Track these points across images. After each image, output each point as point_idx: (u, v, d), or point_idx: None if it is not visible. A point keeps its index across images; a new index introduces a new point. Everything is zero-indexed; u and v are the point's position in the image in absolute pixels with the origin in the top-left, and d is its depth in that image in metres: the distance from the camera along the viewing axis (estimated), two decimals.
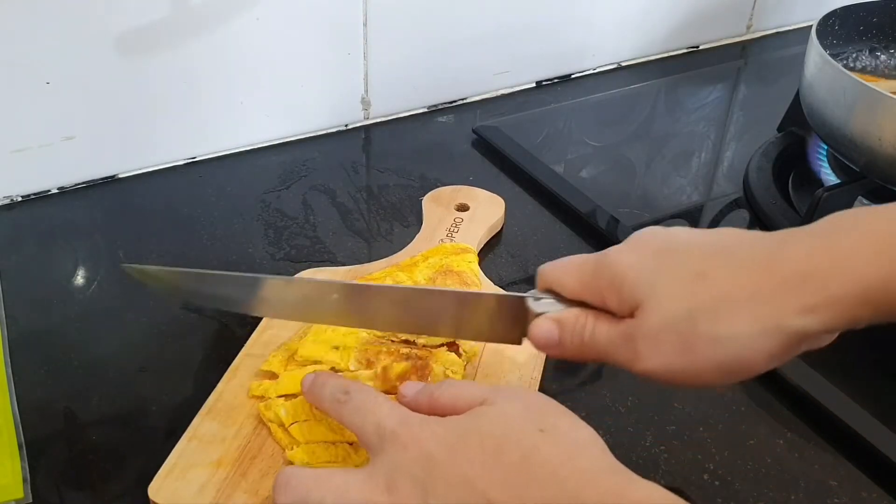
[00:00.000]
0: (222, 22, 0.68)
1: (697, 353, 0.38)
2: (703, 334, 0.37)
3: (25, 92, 0.63)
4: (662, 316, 0.38)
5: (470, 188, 0.67)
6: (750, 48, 1.00)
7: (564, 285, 0.43)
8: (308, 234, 0.65)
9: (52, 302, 0.58)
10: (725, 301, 0.37)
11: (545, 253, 0.64)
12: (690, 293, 0.38)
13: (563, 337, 0.42)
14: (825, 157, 0.71)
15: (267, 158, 0.75)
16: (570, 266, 0.43)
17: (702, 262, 0.39)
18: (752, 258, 0.38)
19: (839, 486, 0.47)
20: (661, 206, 0.71)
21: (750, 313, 0.37)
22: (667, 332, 0.38)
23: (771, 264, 0.37)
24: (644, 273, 0.39)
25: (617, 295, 0.40)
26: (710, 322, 0.37)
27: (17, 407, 0.49)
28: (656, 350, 0.38)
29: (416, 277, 0.56)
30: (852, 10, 0.74)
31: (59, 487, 0.45)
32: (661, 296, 0.38)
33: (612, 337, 0.40)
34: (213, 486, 0.43)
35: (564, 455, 0.35)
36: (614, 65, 0.93)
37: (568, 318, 0.42)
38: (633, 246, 0.41)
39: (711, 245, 0.40)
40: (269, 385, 0.48)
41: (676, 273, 0.39)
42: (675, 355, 0.38)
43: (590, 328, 0.41)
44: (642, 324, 0.39)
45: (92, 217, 0.67)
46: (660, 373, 0.39)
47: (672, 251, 0.40)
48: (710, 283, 0.38)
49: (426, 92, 0.82)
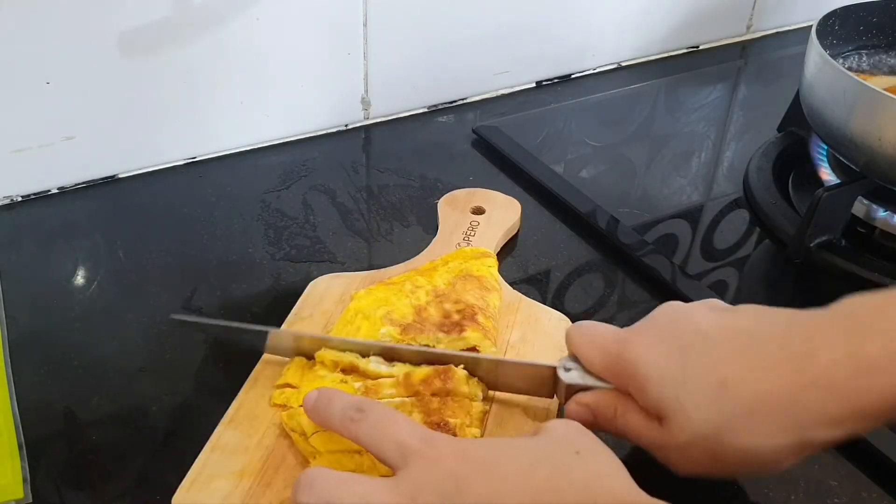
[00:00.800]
0: (222, 22, 0.68)
1: (727, 462, 0.39)
2: (729, 447, 0.39)
3: (25, 92, 0.63)
4: (691, 433, 0.39)
5: (486, 191, 0.67)
6: (750, 48, 1.00)
7: (589, 363, 0.44)
8: (308, 234, 0.65)
9: (52, 302, 0.58)
10: (748, 413, 0.38)
11: (545, 253, 0.64)
12: (715, 406, 0.39)
13: (598, 422, 0.44)
14: (825, 157, 0.71)
15: (267, 158, 0.75)
16: (594, 348, 0.44)
17: (723, 368, 0.39)
18: (773, 362, 0.38)
19: (839, 486, 0.47)
20: (661, 206, 0.71)
21: (773, 425, 0.38)
22: (695, 448, 0.39)
23: (792, 370, 0.38)
24: (667, 379, 0.40)
25: (641, 396, 0.41)
26: (734, 436, 0.38)
27: (17, 407, 0.49)
28: (686, 461, 0.41)
29: (435, 282, 0.56)
30: (852, 10, 0.74)
31: (59, 487, 0.45)
32: (687, 411, 0.39)
33: (643, 438, 0.42)
34: (237, 496, 0.43)
35: (593, 477, 0.36)
36: (614, 65, 0.93)
37: (599, 406, 0.44)
38: (655, 338, 0.42)
39: (732, 341, 0.40)
40: (292, 394, 0.48)
41: (699, 382, 0.39)
42: (705, 465, 0.40)
43: (621, 419, 0.43)
44: (672, 438, 0.40)
45: (92, 217, 0.67)
46: (693, 475, 0.41)
47: (693, 350, 0.40)
48: (732, 392, 0.38)
49: (426, 92, 0.82)
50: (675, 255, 0.65)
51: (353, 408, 0.41)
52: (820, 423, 0.37)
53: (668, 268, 0.61)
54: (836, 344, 0.37)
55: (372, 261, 0.63)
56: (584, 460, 0.37)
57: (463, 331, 0.51)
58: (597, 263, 0.63)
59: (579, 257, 0.64)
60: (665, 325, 0.42)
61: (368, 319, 0.52)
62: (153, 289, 0.59)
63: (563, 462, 0.37)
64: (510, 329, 0.54)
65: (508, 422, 0.48)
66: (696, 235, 0.68)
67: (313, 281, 0.58)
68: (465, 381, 0.47)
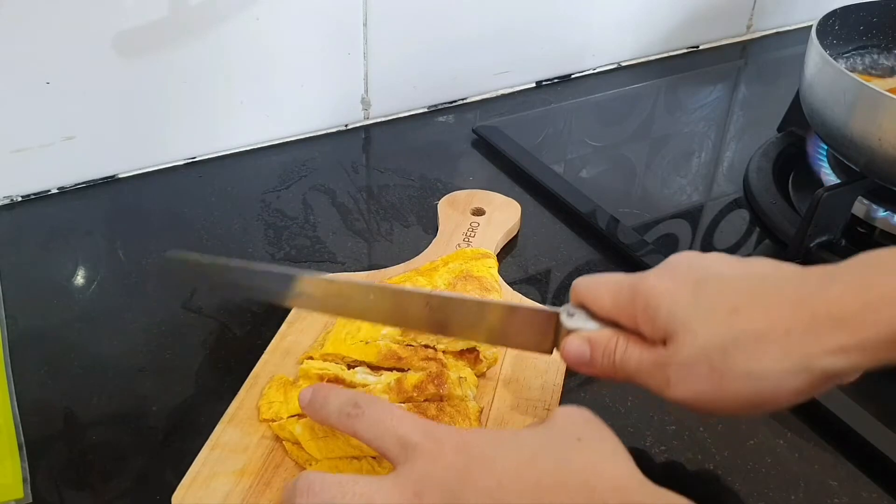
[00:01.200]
0: (222, 22, 0.68)
1: (728, 385, 0.38)
2: (734, 367, 0.38)
3: (25, 92, 0.63)
4: (696, 347, 0.39)
5: (485, 192, 0.67)
6: (750, 48, 1.00)
7: (599, 304, 0.43)
8: (308, 234, 0.65)
9: (52, 302, 0.58)
10: (758, 337, 0.38)
11: (545, 253, 0.64)
12: (724, 327, 0.39)
13: (595, 357, 0.43)
14: (825, 157, 0.71)
15: (267, 158, 0.75)
16: (606, 286, 0.43)
17: (736, 298, 0.39)
18: (785, 296, 0.39)
19: (839, 486, 0.47)
20: (661, 206, 0.71)
21: (781, 351, 0.38)
22: (699, 364, 0.39)
23: (804, 303, 0.38)
24: (680, 305, 0.40)
25: (651, 322, 0.41)
26: (742, 356, 0.38)
27: (17, 407, 0.49)
28: (688, 379, 0.39)
29: (435, 282, 0.56)
30: (852, 10, 0.73)
31: (59, 487, 0.45)
32: (695, 328, 0.39)
33: (644, 362, 0.41)
34: (238, 495, 0.43)
35: (597, 465, 0.36)
36: (614, 65, 0.93)
37: (600, 339, 0.43)
38: (671, 274, 0.42)
39: (746, 279, 0.40)
40: (280, 406, 0.47)
41: (711, 307, 0.39)
42: (706, 385, 0.39)
43: (621, 350, 0.42)
44: (675, 353, 0.39)
45: (92, 217, 0.67)
46: (689, 401, 0.40)
47: (708, 284, 0.40)
48: (743, 319, 0.38)
49: (426, 92, 0.82)
50: None
51: (350, 403, 0.41)
52: (827, 351, 0.37)
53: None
54: (848, 280, 0.38)
55: (372, 261, 0.63)
56: (586, 447, 0.37)
57: None
58: (597, 263, 0.63)
59: (579, 257, 0.64)
60: (679, 265, 0.42)
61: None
62: (153, 289, 0.59)
63: (564, 451, 0.37)
64: None
65: (509, 423, 0.48)
66: (697, 235, 0.68)
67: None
68: (457, 385, 0.47)
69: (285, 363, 0.51)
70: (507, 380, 0.50)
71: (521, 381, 0.50)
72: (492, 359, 0.50)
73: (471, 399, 0.47)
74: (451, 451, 0.37)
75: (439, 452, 0.37)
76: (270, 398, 0.48)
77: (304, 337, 0.53)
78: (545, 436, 0.38)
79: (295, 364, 0.51)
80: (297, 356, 0.51)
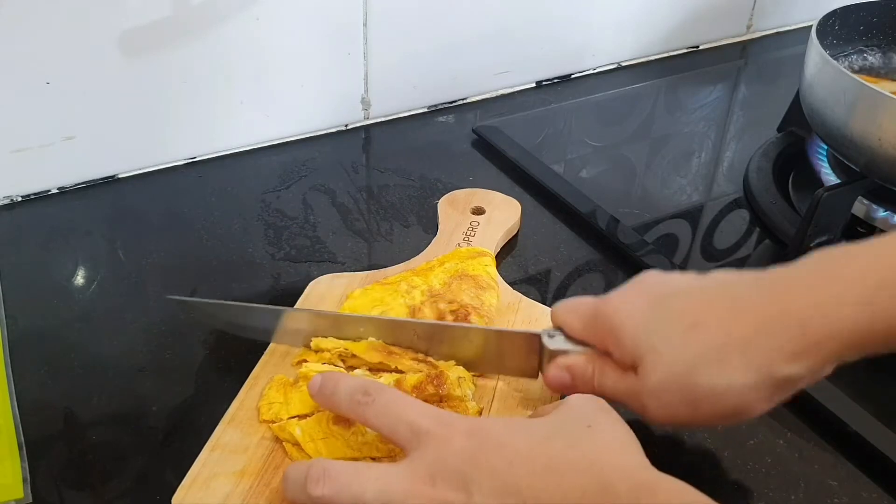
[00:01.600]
0: (222, 22, 0.68)
1: (699, 404, 0.40)
2: (701, 387, 0.40)
3: (25, 92, 0.63)
4: (663, 372, 0.40)
5: (485, 191, 0.67)
6: (750, 48, 1.00)
7: (570, 327, 0.46)
8: (308, 234, 0.65)
9: (52, 302, 0.58)
10: (719, 351, 0.39)
11: (545, 253, 0.64)
12: (686, 345, 0.40)
13: (575, 383, 0.45)
14: (825, 157, 0.71)
15: (267, 158, 0.75)
16: (576, 311, 0.46)
17: (695, 313, 0.41)
18: (742, 305, 0.40)
19: (839, 486, 0.47)
20: (661, 206, 0.71)
21: (742, 363, 0.39)
22: (668, 390, 0.40)
23: (761, 312, 0.39)
24: (641, 326, 0.42)
25: (617, 346, 0.43)
26: (705, 374, 0.39)
27: (17, 407, 0.49)
28: (661, 404, 0.41)
29: (431, 282, 0.56)
30: (852, 10, 0.73)
31: (59, 487, 0.45)
32: (659, 351, 0.41)
33: (619, 390, 0.43)
34: (238, 496, 0.43)
35: (605, 449, 0.37)
36: (614, 65, 0.93)
37: (577, 366, 0.45)
38: (633, 294, 0.44)
39: (704, 292, 0.42)
40: (280, 407, 0.47)
41: (672, 325, 0.41)
42: (679, 406, 0.41)
43: (598, 377, 0.44)
44: (645, 382, 0.41)
45: (92, 217, 0.67)
46: (667, 423, 0.43)
47: (668, 301, 0.42)
48: (703, 334, 0.40)
49: (426, 92, 0.82)
50: (676, 255, 0.65)
51: (360, 391, 0.41)
52: (783, 357, 0.38)
53: (669, 268, 0.61)
54: (799, 286, 0.40)
55: (372, 261, 0.63)
56: (595, 434, 0.38)
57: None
58: (597, 263, 0.63)
59: (579, 257, 0.64)
60: (642, 285, 0.44)
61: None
62: (153, 289, 0.59)
63: (574, 436, 0.38)
64: (511, 327, 0.54)
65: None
66: (697, 235, 0.68)
67: (314, 281, 0.58)
68: (457, 385, 0.47)
69: (285, 364, 0.51)
70: (506, 379, 0.50)
71: (521, 380, 0.50)
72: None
73: (470, 399, 0.47)
74: (462, 435, 0.38)
75: (450, 437, 0.38)
76: (270, 399, 0.48)
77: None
78: (556, 422, 0.39)
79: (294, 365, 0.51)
80: (297, 357, 0.51)
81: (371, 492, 0.37)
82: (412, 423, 0.39)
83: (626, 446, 0.38)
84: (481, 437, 0.38)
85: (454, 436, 0.38)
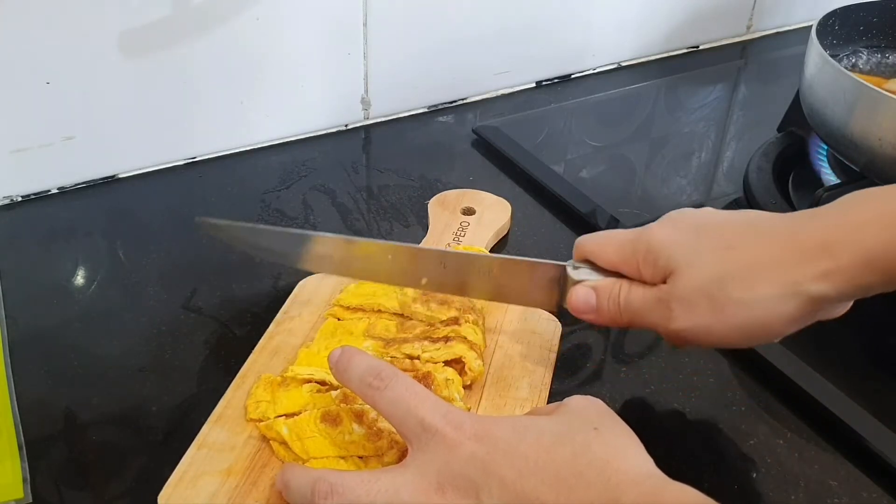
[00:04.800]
0: (222, 22, 0.68)
1: (726, 313, 0.42)
2: (731, 296, 0.42)
3: (25, 92, 0.63)
4: (695, 280, 0.42)
5: (476, 191, 0.67)
6: (750, 48, 1.00)
7: (603, 256, 0.47)
8: None
9: (52, 302, 0.58)
10: (752, 268, 0.42)
11: (545, 253, 0.64)
12: (721, 261, 0.42)
13: (601, 302, 0.46)
14: (825, 157, 0.71)
15: (267, 158, 0.75)
16: (609, 239, 0.47)
17: (731, 236, 0.43)
18: (776, 232, 0.43)
19: (839, 486, 0.47)
20: (661, 206, 0.71)
21: (773, 279, 0.41)
22: (699, 295, 0.42)
23: (792, 237, 0.42)
24: (680, 247, 0.44)
25: (653, 266, 0.44)
26: (738, 286, 0.41)
27: (17, 407, 0.49)
28: (689, 310, 0.43)
29: None
30: (852, 10, 0.74)
31: (59, 487, 0.45)
32: (694, 264, 0.43)
33: (648, 300, 0.44)
34: (224, 494, 0.43)
35: (611, 455, 0.37)
36: (614, 65, 0.93)
37: (605, 285, 0.46)
38: (671, 223, 0.46)
39: (740, 223, 0.44)
40: (267, 406, 0.47)
41: (709, 246, 0.43)
42: (706, 315, 0.42)
43: (625, 293, 0.45)
44: (676, 287, 0.43)
45: (92, 217, 0.67)
46: (691, 331, 0.43)
47: (706, 228, 0.44)
48: (738, 253, 0.42)
49: (426, 92, 0.82)
50: None
51: (373, 374, 0.41)
52: (813, 276, 0.40)
53: None
54: (831, 213, 0.42)
55: None
56: (603, 438, 0.38)
57: (449, 340, 0.50)
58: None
59: None
60: (679, 217, 0.46)
61: (352, 335, 0.52)
62: (153, 289, 0.59)
63: (582, 440, 0.38)
64: (500, 328, 0.54)
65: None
66: None
67: (301, 281, 0.58)
68: (444, 385, 0.47)
69: (273, 363, 0.51)
70: (494, 379, 0.50)
71: (509, 380, 0.50)
72: (477, 371, 0.49)
73: (458, 400, 0.47)
74: (471, 439, 0.38)
75: (459, 441, 0.38)
76: (258, 398, 0.48)
77: (292, 337, 0.53)
78: (563, 424, 0.39)
79: (283, 363, 0.51)
80: (286, 356, 0.51)
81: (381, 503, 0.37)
82: (422, 420, 0.38)
83: (634, 452, 0.38)
84: (490, 443, 0.37)
85: (463, 440, 0.38)
